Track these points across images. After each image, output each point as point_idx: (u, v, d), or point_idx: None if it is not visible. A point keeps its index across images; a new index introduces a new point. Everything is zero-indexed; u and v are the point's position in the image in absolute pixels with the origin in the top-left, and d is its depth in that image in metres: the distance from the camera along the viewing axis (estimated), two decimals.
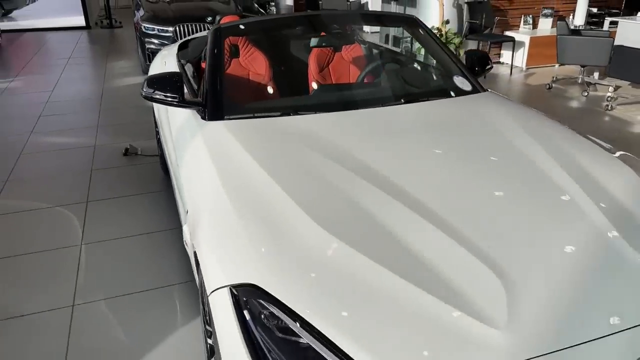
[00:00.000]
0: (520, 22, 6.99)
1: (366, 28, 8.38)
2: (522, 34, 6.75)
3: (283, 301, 1.23)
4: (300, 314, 1.20)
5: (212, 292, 1.35)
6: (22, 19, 12.51)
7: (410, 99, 2.47)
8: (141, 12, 6.93)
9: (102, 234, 3.00)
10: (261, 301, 1.25)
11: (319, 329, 1.17)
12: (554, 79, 6.04)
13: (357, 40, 3.36)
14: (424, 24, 2.98)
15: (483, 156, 1.87)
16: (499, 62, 7.03)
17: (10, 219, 3.19)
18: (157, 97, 2.23)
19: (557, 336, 1.18)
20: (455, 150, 1.91)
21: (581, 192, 1.64)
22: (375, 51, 3.44)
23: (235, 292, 1.29)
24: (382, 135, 2.04)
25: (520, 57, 6.80)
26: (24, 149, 4.33)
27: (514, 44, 6.51)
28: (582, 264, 1.36)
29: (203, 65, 2.88)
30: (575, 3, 6.85)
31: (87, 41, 10.10)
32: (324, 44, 3.03)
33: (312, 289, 1.26)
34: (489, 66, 2.83)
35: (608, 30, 6.24)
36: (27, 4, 13.07)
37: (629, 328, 1.21)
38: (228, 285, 1.32)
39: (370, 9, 9.30)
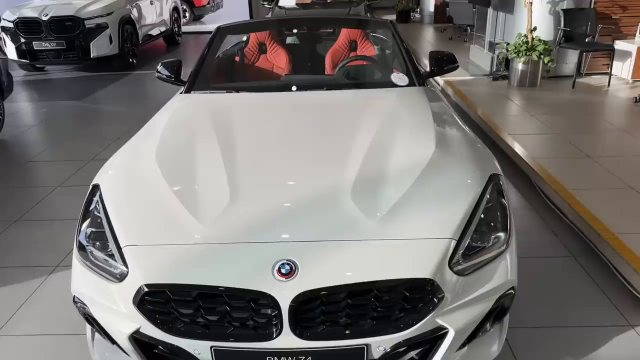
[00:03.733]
0: (637, 30, 6.39)
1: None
2: (635, 45, 6.19)
3: (102, 190, 2.01)
4: (104, 199, 1.96)
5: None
6: (210, 23, 15.08)
7: (350, 87, 3.08)
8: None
9: None
10: (94, 192, 2.04)
11: (107, 209, 1.91)
12: None
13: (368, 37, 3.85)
14: (396, 28, 3.42)
15: (331, 125, 2.50)
16: (606, 73, 6.52)
17: None
18: (163, 76, 3.17)
19: (238, 235, 1.73)
20: (319, 120, 2.60)
21: (360, 158, 2.06)
22: (376, 49, 3.87)
23: (91, 187, 2.10)
24: (283, 108, 2.76)
25: (627, 69, 6.25)
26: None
27: (613, 54, 6.04)
28: (299, 197, 1.88)
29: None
30: None
31: None
32: (298, 41, 3.69)
33: (120, 190, 2.02)
34: (451, 66, 3.14)
35: None
36: (213, 11, 15.68)
37: (285, 241, 1.70)
38: (92, 184, 2.14)
39: None
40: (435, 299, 1.66)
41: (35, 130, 5.87)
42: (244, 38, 4.08)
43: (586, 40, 6.23)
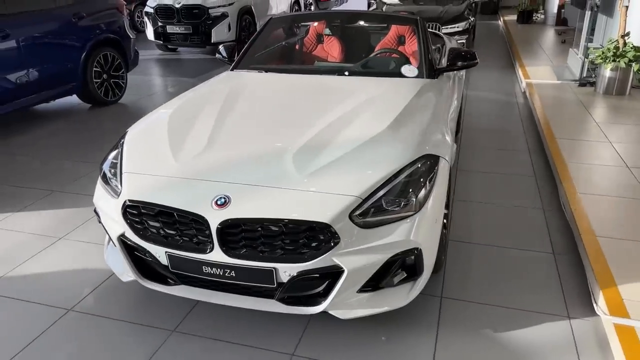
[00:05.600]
0: None
1: None
2: None
3: (127, 135, 2.69)
4: (125, 141, 2.64)
5: None
6: None
7: (363, 74, 3.47)
8: None
9: None
10: (124, 135, 2.73)
11: (123, 147, 2.58)
12: None
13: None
14: (423, 24, 3.70)
15: (319, 103, 2.93)
16: None
17: None
18: (220, 56, 3.85)
19: (196, 173, 2.28)
20: (313, 98, 3.04)
21: (319, 129, 2.51)
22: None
23: (124, 133, 2.80)
24: (291, 87, 3.24)
25: None
26: None
27: None
28: (254, 151, 2.38)
29: None
30: None
31: None
32: (332, 34, 4.09)
33: (138, 135, 2.69)
34: (470, 62, 3.35)
35: None
36: (337, 5, 16.41)
37: (228, 182, 2.21)
38: (125, 130, 2.84)
39: None
40: (332, 242, 2.05)
41: (150, 98, 7.02)
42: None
43: None
